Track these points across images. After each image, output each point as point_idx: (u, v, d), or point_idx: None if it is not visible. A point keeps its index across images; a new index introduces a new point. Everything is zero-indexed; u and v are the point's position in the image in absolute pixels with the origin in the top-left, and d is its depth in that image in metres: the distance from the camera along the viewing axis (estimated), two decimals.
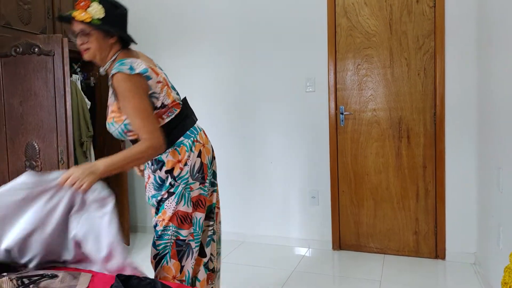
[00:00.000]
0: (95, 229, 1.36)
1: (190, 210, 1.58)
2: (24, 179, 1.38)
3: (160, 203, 1.58)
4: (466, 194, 2.81)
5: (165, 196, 1.57)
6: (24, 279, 1.22)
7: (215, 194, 1.74)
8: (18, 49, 2.56)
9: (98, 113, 3.48)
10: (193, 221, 1.60)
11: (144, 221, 3.87)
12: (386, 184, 3.03)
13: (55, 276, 1.26)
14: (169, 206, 1.56)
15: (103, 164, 1.42)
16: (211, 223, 1.73)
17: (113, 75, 1.46)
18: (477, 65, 2.70)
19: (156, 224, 1.58)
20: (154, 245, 1.58)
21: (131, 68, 1.46)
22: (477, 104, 2.70)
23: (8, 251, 1.37)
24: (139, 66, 1.48)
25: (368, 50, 3.02)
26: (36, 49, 2.56)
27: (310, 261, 2.99)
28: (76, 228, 1.37)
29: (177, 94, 1.70)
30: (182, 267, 1.58)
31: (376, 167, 3.05)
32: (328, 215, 3.20)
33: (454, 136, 2.82)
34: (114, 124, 1.55)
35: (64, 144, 2.58)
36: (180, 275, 1.58)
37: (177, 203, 1.56)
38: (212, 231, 1.73)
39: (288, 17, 3.21)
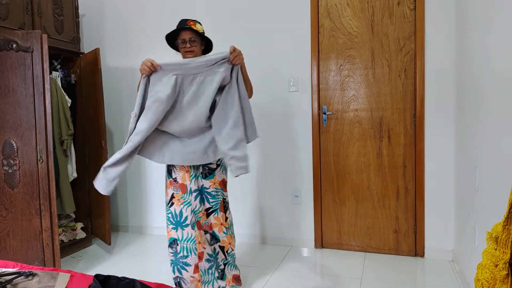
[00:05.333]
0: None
1: (227, 178, 2.32)
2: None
3: (210, 171, 2.25)
4: (445, 192, 2.88)
5: (214, 166, 2.26)
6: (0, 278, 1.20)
7: None
8: None
9: (79, 110, 3.42)
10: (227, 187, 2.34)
11: (126, 221, 3.82)
12: (367, 183, 3.08)
13: (33, 274, 1.24)
14: (219, 175, 2.27)
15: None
16: None
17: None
18: (455, 67, 2.76)
19: (208, 187, 2.23)
20: (208, 201, 2.23)
21: None
22: (455, 105, 2.77)
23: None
24: None
25: (351, 51, 3.06)
26: (14, 45, 2.50)
27: (293, 259, 3.01)
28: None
29: None
30: (226, 217, 2.30)
31: (358, 167, 3.09)
32: (310, 214, 3.23)
33: (433, 136, 2.89)
34: None
35: (43, 143, 2.53)
36: (225, 223, 2.28)
37: (223, 172, 2.30)
38: None
39: (272, 17, 3.22)
